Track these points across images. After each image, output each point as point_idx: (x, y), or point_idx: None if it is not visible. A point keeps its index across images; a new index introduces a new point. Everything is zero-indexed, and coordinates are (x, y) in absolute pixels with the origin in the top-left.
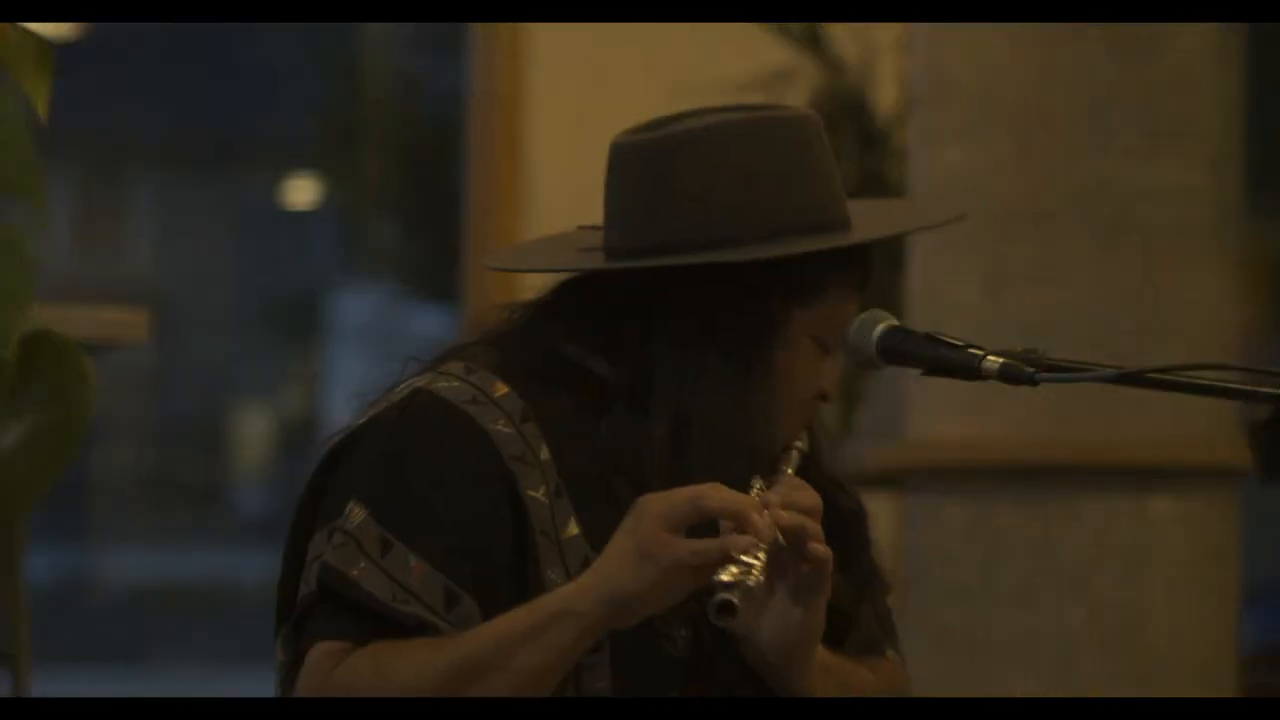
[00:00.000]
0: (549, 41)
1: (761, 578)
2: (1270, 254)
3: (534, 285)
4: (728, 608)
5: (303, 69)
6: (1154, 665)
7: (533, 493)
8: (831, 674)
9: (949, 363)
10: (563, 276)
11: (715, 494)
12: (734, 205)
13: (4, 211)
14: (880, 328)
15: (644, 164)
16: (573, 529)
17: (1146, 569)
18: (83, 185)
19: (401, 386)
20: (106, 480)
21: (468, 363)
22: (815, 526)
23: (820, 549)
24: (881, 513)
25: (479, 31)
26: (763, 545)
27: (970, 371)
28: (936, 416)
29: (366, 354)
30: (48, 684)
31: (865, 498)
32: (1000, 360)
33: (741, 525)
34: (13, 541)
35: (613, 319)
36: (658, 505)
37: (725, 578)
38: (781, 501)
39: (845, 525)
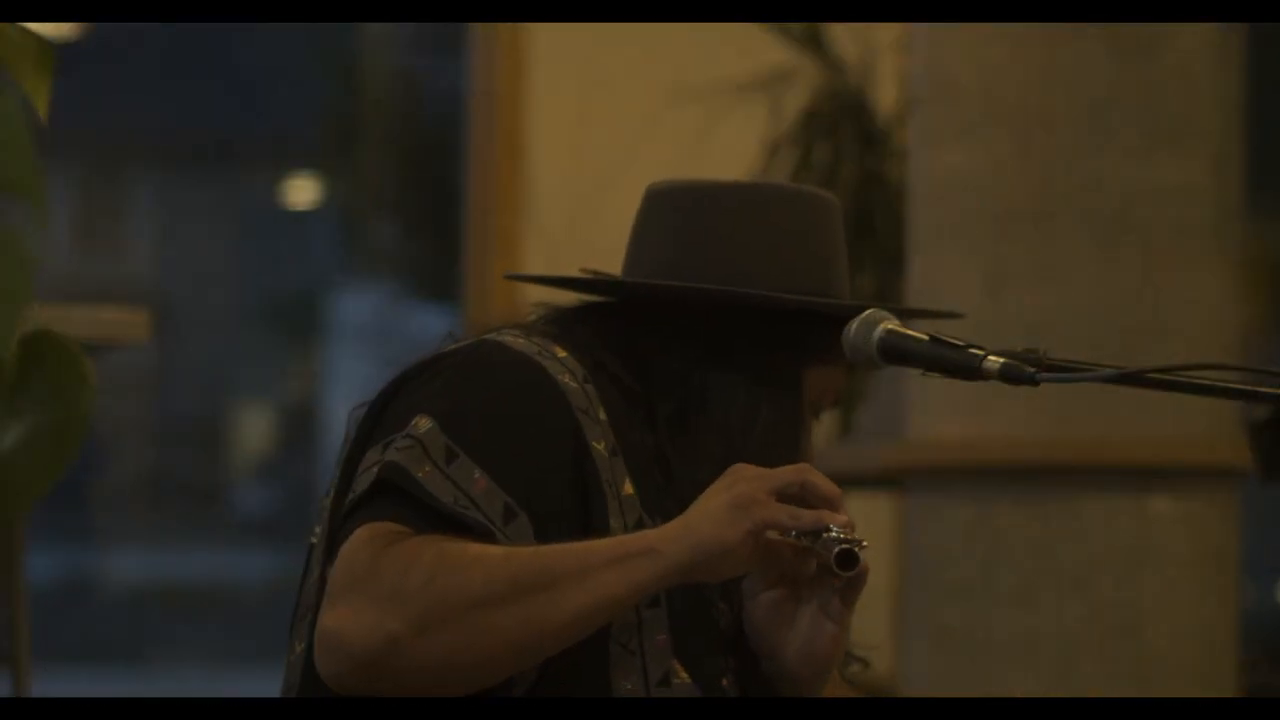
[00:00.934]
0: (549, 41)
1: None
2: (1270, 254)
3: (538, 295)
4: (850, 556)
5: (302, 69)
6: (1154, 665)
7: (595, 444)
8: (837, 691)
9: (950, 363)
10: (588, 297)
11: (820, 476)
12: (776, 258)
13: (4, 211)
14: (881, 328)
15: (688, 207)
16: (629, 488)
17: (1146, 569)
18: (83, 185)
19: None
20: (106, 480)
21: (527, 328)
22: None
23: (865, 562)
24: (881, 513)
25: (479, 31)
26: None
27: (971, 372)
28: (936, 416)
29: (366, 354)
30: (48, 684)
31: (865, 498)
32: (1001, 360)
33: (827, 510)
34: (13, 542)
35: (642, 343)
36: (757, 470)
37: (834, 534)
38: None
39: None
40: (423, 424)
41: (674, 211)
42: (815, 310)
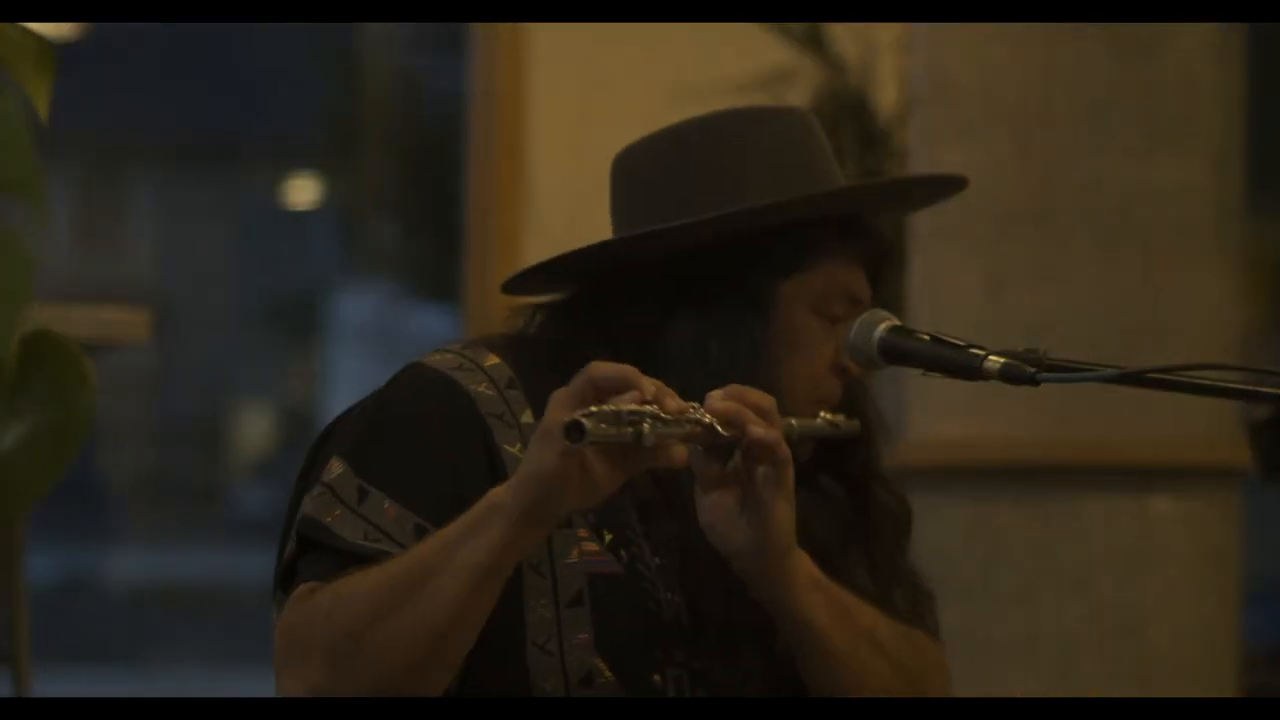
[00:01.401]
0: (549, 41)
1: (648, 429)
2: (1270, 254)
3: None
4: (574, 427)
5: (303, 69)
6: (1154, 665)
7: (509, 447)
8: (825, 591)
9: (950, 363)
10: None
11: (604, 364)
12: (720, 184)
13: (4, 211)
14: (881, 328)
15: (633, 164)
16: None
17: (1147, 569)
18: (83, 185)
19: None
20: (106, 480)
21: (466, 342)
22: (754, 416)
23: (760, 431)
24: None
25: (479, 31)
26: (660, 408)
27: (971, 372)
28: (936, 416)
29: (367, 354)
30: (47, 684)
31: None
32: (1002, 360)
33: (633, 390)
34: (13, 542)
35: (617, 317)
36: (561, 390)
37: (595, 408)
38: (723, 394)
39: (877, 519)
40: (335, 468)
41: (629, 171)
42: (758, 219)
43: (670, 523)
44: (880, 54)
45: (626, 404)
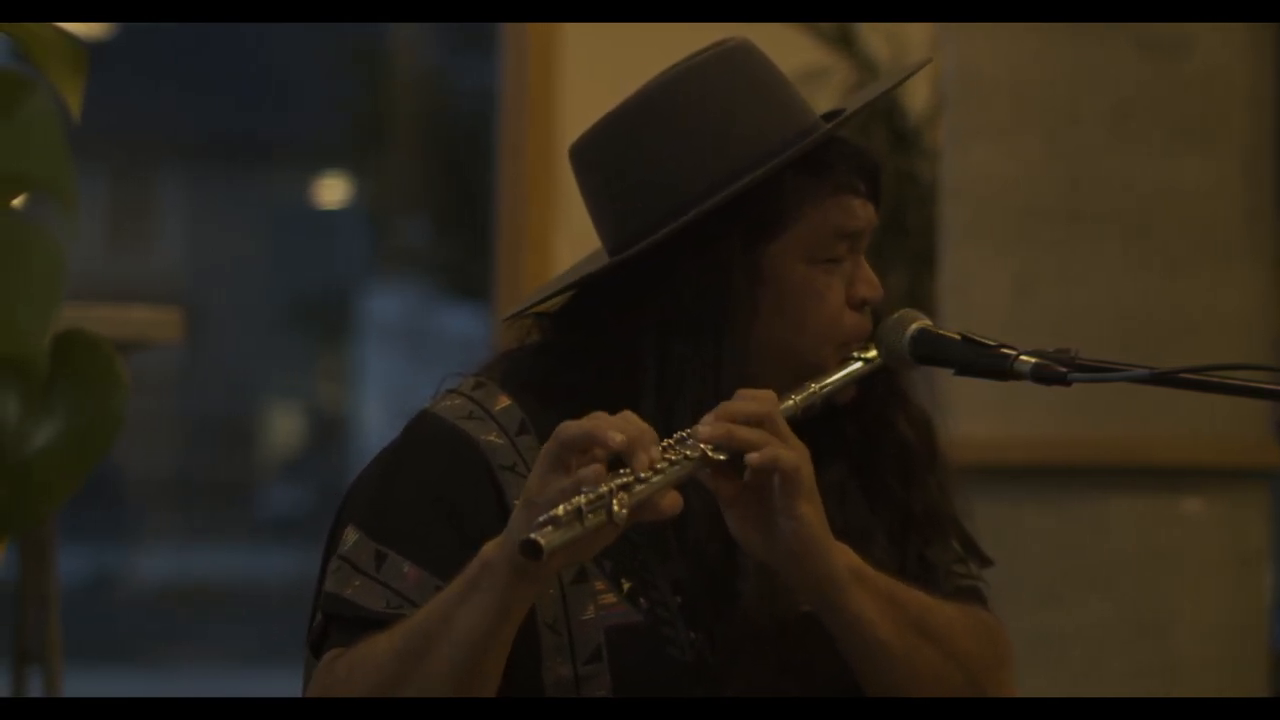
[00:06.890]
0: (579, 40)
1: (619, 506)
2: None
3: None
4: (529, 547)
5: (332, 68)
6: (1182, 667)
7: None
8: (869, 582)
9: (982, 363)
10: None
11: (569, 425)
12: (672, 169)
13: (36, 211)
14: (913, 328)
15: (579, 168)
16: None
17: (1175, 570)
18: (113, 185)
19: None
20: (136, 479)
21: (480, 376)
22: (748, 432)
23: (755, 458)
24: None
25: (509, 30)
26: (633, 465)
27: (1003, 372)
28: (962, 416)
29: (397, 352)
30: (75, 683)
31: None
32: (1033, 360)
33: (601, 448)
34: (43, 542)
35: (606, 324)
36: (542, 452)
37: (551, 513)
38: (710, 418)
39: (897, 456)
40: (350, 537)
41: (592, 164)
42: (711, 205)
43: (685, 556)
44: (911, 53)
45: (592, 478)
